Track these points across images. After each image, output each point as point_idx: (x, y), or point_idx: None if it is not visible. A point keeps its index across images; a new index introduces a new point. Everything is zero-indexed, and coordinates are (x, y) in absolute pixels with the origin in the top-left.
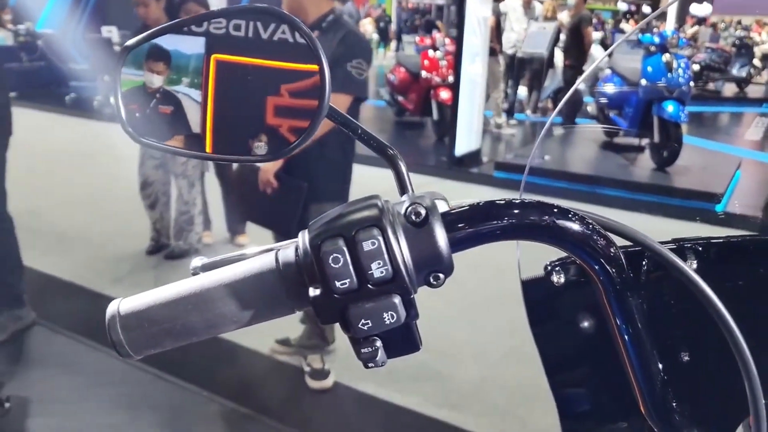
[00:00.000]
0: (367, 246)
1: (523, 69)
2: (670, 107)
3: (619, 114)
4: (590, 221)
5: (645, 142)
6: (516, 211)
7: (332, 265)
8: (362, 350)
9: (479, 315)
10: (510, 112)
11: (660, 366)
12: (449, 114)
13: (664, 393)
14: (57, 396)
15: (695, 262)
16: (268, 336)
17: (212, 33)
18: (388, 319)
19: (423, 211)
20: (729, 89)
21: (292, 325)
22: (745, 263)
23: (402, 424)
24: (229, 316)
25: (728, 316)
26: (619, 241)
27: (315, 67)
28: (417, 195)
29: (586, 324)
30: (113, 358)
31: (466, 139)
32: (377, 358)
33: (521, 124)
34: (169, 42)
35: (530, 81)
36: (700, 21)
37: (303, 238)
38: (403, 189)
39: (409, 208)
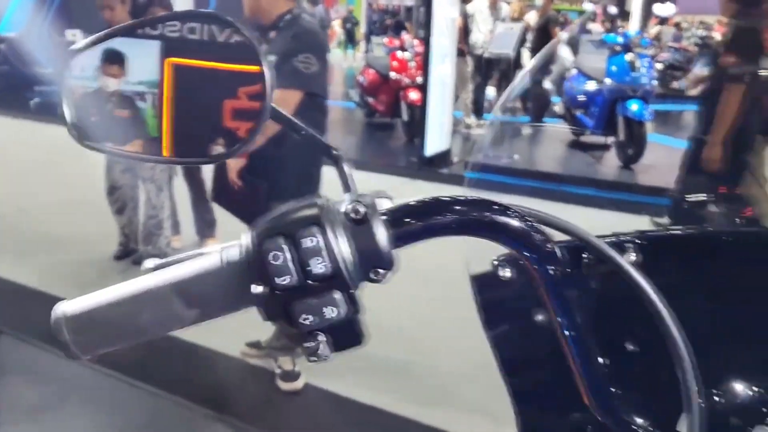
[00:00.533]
0: (306, 243)
1: (491, 69)
2: (634, 106)
3: (585, 113)
4: (528, 217)
5: (611, 140)
6: (456, 208)
7: (273, 262)
8: (305, 344)
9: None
10: (479, 113)
11: (604, 357)
12: (419, 115)
13: (605, 382)
14: (21, 404)
15: (634, 255)
16: (239, 339)
17: (167, 36)
18: (330, 313)
19: (363, 209)
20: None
21: (267, 328)
22: (686, 255)
23: (373, 423)
24: (176, 315)
25: (663, 307)
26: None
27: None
28: (359, 194)
29: (537, 317)
30: (79, 365)
31: (436, 140)
32: (320, 352)
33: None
34: (124, 45)
35: (498, 81)
36: (663, 21)
37: (247, 237)
38: (346, 188)
39: (349, 207)
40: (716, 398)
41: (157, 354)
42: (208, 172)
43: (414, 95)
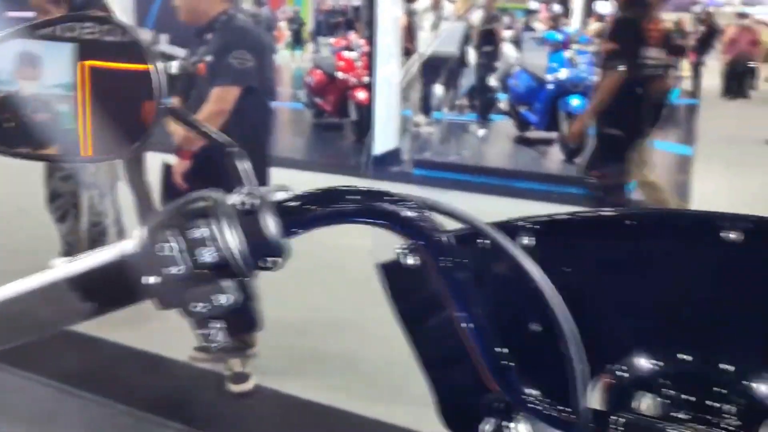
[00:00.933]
0: (195, 234)
1: (437, 68)
2: (574, 101)
3: (529, 109)
4: (418, 205)
5: (555, 135)
6: (347, 197)
7: (164, 253)
8: (199, 331)
9: None
10: (427, 111)
11: (506, 338)
12: (367, 114)
13: (502, 362)
14: None
15: (527, 239)
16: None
17: (83, 39)
18: (220, 301)
19: (253, 200)
20: None
21: None
22: (580, 237)
23: (323, 421)
24: (73, 309)
25: (547, 287)
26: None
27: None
28: (252, 187)
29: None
30: (25, 378)
31: (385, 139)
32: (214, 338)
33: (439, 122)
34: (39, 48)
35: (446, 80)
36: (601, 18)
37: (141, 231)
38: (241, 183)
39: (240, 198)
40: (607, 370)
41: (102, 362)
42: (154, 177)
43: (361, 95)
